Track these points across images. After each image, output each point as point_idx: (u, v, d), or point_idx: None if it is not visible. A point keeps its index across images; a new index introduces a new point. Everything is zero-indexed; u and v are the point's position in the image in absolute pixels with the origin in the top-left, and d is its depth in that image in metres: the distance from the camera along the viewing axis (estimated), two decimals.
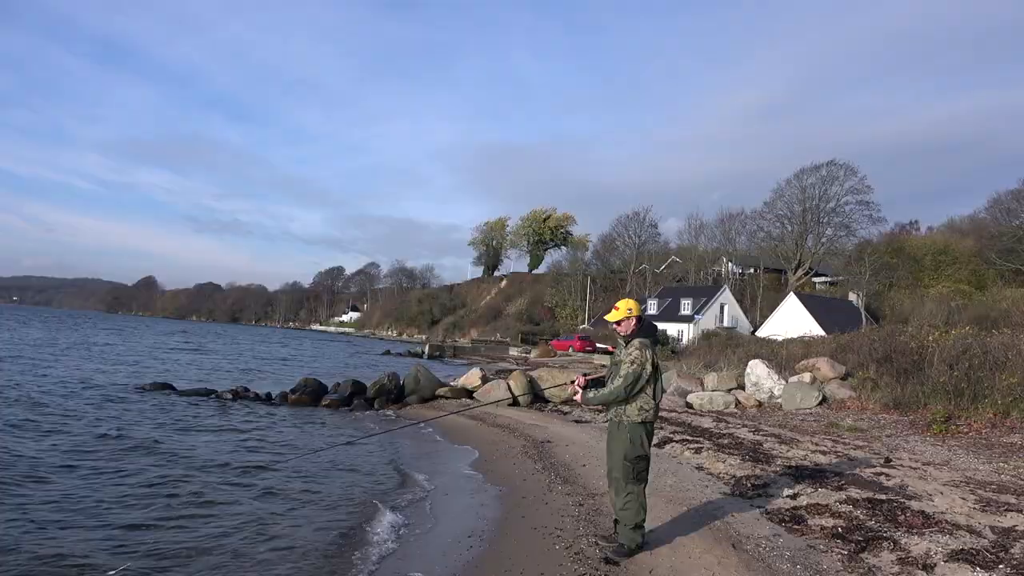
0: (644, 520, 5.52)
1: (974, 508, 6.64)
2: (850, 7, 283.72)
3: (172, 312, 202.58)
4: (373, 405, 17.27)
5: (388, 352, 58.11)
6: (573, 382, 5.84)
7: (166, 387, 18.53)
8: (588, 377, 5.84)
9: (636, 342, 5.42)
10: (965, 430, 11.54)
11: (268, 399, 17.92)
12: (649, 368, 5.33)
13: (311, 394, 18.00)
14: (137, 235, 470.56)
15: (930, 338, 15.65)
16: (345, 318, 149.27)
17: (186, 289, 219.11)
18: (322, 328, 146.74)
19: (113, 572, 5.42)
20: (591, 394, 5.56)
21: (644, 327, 5.57)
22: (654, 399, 5.41)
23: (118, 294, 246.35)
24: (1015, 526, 5.99)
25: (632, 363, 5.32)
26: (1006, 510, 6.53)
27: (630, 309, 5.55)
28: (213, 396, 17.70)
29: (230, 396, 17.51)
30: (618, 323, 5.58)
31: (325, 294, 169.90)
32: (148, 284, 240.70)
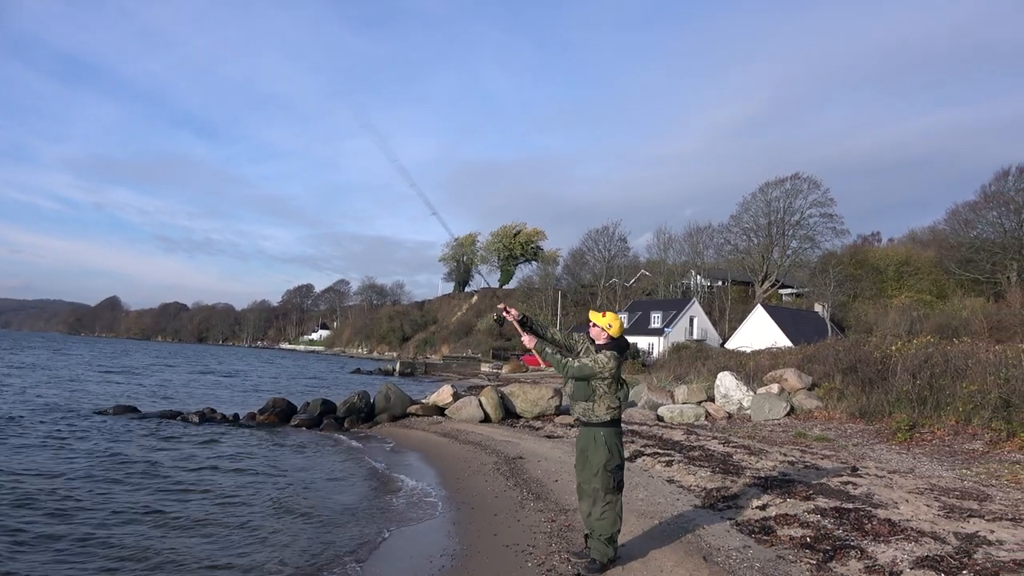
0: (619, 531, 5.53)
1: (938, 515, 6.76)
2: (820, 27, 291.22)
3: (137, 333, 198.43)
4: (343, 424, 17.03)
5: (358, 370, 57.45)
6: (504, 308, 5.95)
7: (129, 409, 18.08)
8: (525, 316, 5.87)
9: (607, 352, 5.49)
10: (929, 438, 11.78)
11: (236, 420, 17.59)
12: (605, 375, 5.40)
13: (280, 414, 17.74)
14: (103, 255, 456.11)
15: (893, 348, 15.98)
16: (315, 336, 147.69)
17: (151, 309, 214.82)
18: (291, 347, 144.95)
19: None
20: (548, 349, 5.64)
21: (617, 341, 5.63)
22: (618, 399, 5.51)
23: (80, 315, 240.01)
24: (977, 532, 6.11)
25: (595, 362, 5.42)
26: (969, 516, 6.66)
27: (610, 325, 5.61)
28: (179, 418, 17.34)
29: (196, 419, 17.14)
30: (598, 328, 5.64)
31: (294, 312, 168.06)
32: (112, 304, 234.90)
